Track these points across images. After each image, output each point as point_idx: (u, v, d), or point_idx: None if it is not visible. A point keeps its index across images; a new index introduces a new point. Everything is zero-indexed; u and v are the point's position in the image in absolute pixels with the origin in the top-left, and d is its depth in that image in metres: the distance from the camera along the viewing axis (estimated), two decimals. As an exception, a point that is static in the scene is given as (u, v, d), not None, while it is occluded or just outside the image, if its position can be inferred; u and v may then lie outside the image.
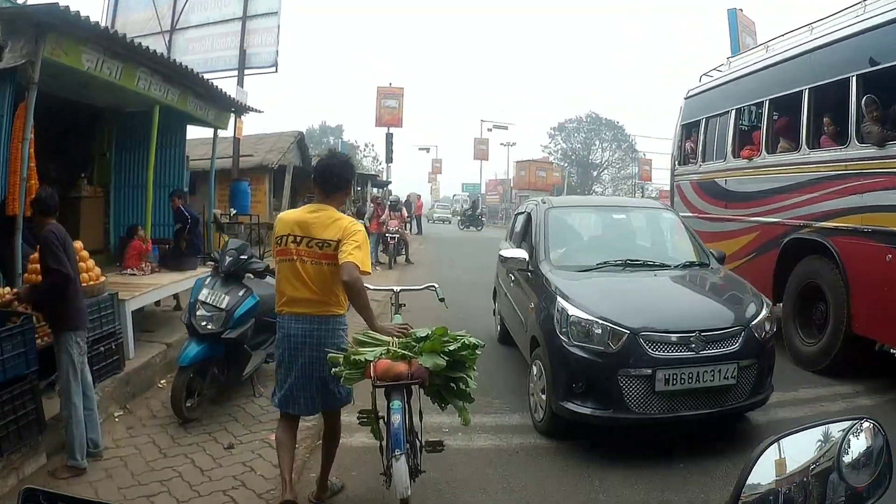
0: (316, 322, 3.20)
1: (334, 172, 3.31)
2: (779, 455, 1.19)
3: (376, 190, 27.51)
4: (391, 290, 4.18)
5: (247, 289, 4.91)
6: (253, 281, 5.16)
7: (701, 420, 4.20)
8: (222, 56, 15.86)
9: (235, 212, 12.71)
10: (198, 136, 12.52)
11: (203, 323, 4.58)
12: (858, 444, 1.26)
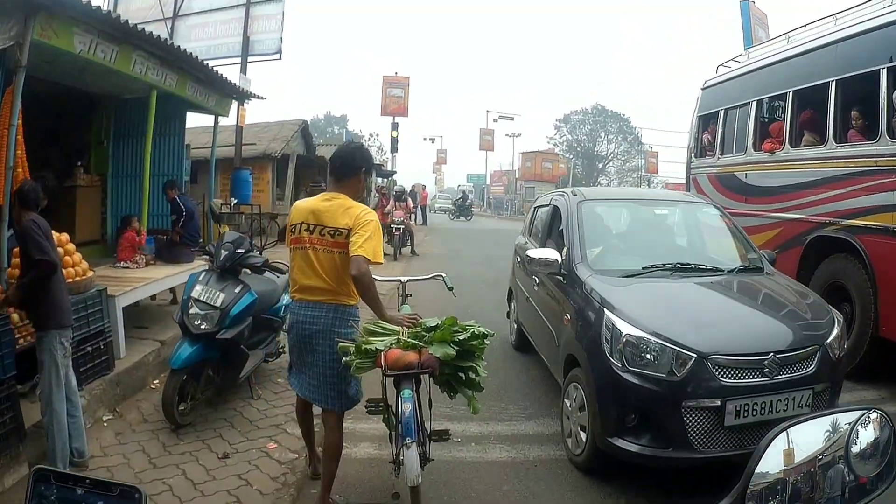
0: (325, 310, 3.17)
1: (344, 160, 3.32)
2: (787, 445, 1.20)
3: (381, 180, 27.08)
4: (398, 281, 4.17)
5: (243, 285, 4.58)
6: (250, 276, 4.86)
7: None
8: (225, 43, 15.69)
9: (236, 201, 12.42)
10: (200, 125, 12.29)
11: (196, 322, 4.28)
12: (866, 435, 1.27)
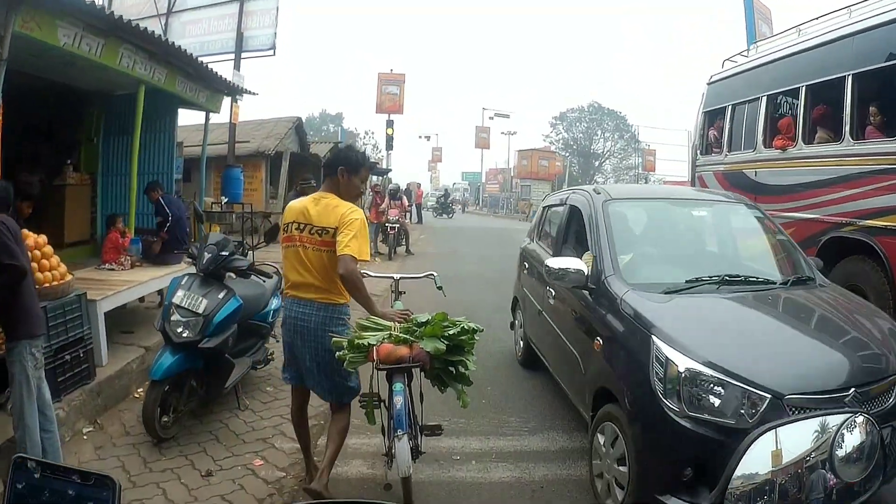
0: (317, 308, 3.22)
1: (328, 159, 3.46)
2: (775, 446, 1.26)
3: (375, 178, 26.75)
4: (391, 278, 4.23)
5: (228, 290, 4.29)
6: (236, 281, 4.58)
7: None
8: (219, 39, 15.57)
9: (227, 200, 12.11)
10: (194, 122, 11.98)
11: (178, 330, 3.99)
12: (852, 439, 1.33)
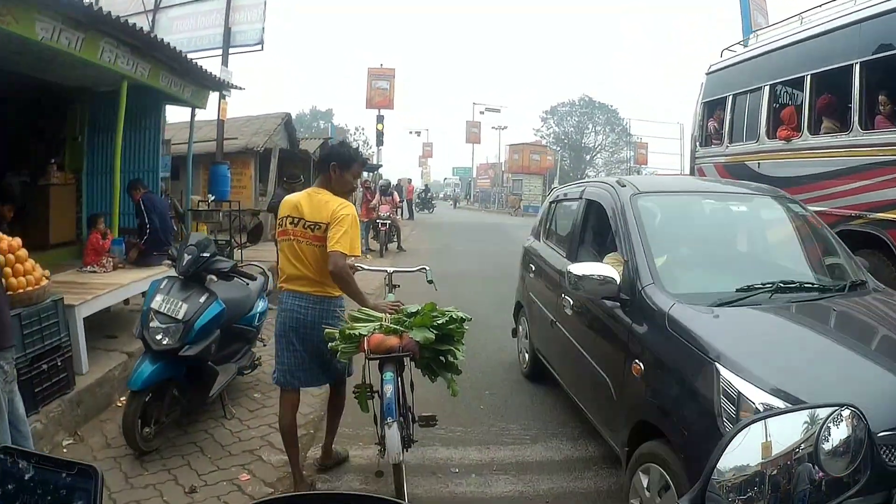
0: (312, 302, 3.30)
1: (321, 156, 3.53)
2: (765, 438, 1.18)
3: (366, 174, 26.46)
4: (385, 272, 4.26)
5: (209, 294, 4.04)
6: (218, 283, 4.33)
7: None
8: (207, 34, 15.24)
9: (214, 198, 11.82)
10: (183, 119, 11.69)
11: (157, 337, 3.74)
12: (839, 432, 1.27)
